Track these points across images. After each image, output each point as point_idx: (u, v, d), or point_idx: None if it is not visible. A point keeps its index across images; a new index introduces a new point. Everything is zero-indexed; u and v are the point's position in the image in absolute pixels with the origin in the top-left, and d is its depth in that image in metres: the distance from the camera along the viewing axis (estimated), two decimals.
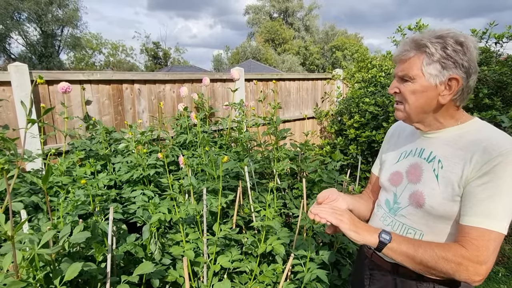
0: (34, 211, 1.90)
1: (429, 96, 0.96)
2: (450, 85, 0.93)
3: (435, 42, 0.92)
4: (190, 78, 3.49)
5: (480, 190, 0.87)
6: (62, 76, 2.68)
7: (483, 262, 0.85)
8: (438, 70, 0.93)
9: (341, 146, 4.26)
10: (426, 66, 0.93)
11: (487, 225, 0.85)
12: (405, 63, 0.98)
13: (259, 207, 1.95)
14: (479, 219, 0.86)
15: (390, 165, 1.16)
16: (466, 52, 0.92)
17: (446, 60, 0.92)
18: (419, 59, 0.94)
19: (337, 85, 5.12)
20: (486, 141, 0.90)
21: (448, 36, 0.92)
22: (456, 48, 0.91)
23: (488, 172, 0.86)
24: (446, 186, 0.94)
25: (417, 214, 1.00)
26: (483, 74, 3.19)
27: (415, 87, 0.96)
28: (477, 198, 0.88)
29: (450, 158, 0.96)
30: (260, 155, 2.91)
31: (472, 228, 0.87)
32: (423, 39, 0.94)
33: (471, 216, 0.88)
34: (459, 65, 0.92)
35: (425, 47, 0.93)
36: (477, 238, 0.86)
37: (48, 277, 1.18)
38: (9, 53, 23.62)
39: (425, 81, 0.95)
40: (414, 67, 0.95)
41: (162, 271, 1.65)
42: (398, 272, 1.06)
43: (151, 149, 2.61)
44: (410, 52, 0.96)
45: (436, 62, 0.92)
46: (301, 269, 1.71)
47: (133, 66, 36.25)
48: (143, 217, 1.85)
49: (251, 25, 39.39)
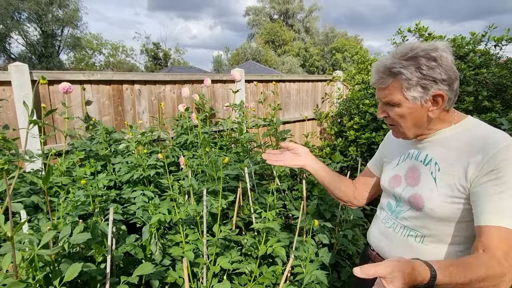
0: (34, 211, 1.90)
1: (418, 115, 0.96)
2: (436, 100, 0.93)
3: (407, 66, 0.90)
4: (190, 79, 3.50)
5: (492, 189, 0.84)
6: (62, 76, 2.68)
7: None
8: (420, 92, 0.92)
9: (341, 148, 4.27)
10: (407, 91, 0.92)
11: (507, 223, 0.81)
12: (385, 90, 0.97)
13: (259, 209, 1.95)
14: (500, 217, 0.82)
15: (390, 168, 1.17)
16: (441, 64, 0.90)
17: (425, 80, 0.90)
18: (397, 84, 0.93)
19: (337, 86, 5.13)
20: (481, 141, 0.90)
21: (418, 56, 0.90)
22: (430, 65, 0.90)
23: (494, 170, 0.85)
24: (444, 188, 0.94)
25: (418, 216, 1.00)
26: (483, 77, 3.20)
27: (403, 110, 0.96)
28: (487, 198, 0.85)
29: (446, 159, 0.96)
30: (260, 156, 2.91)
31: (490, 227, 0.82)
32: (394, 65, 0.92)
33: (492, 214, 0.83)
34: (440, 81, 0.90)
35: (400, 74, 0.91)
36: (501, 239, 0.80)
37: (47, 277, 1.17)
38: (9, 53, 23.63)
39: (410, 104, 0.94)
40: (395, 93, 0.94)
41: (161, 272, 1.65)
42: None
43: (151, 150, 2.61)
44: (387, 79, 0.94)
45: (415, 85, 0.91)
46: (300, 271, 1.71)
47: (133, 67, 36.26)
48: (143, 218, 1.85)
49: (251, 27, 39.48)
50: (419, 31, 3.68)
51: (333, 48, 33.81)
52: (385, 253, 1.11)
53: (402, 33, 3.88)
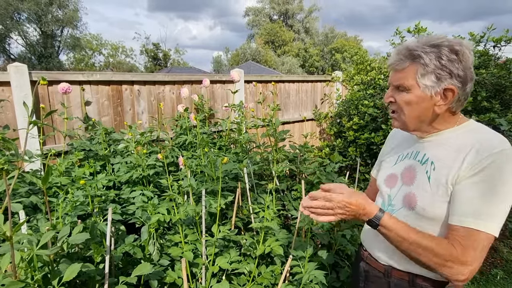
0: (33, 211, 1.90)
1: (425, 106, 0.95)
2: (446, 95, 0.93)
3: (429, 52, 0.91)
4: (189, 80, 3.50)
5: (470, 190, 0.87)
6: (61, 76, 2.68)
7: (468, 263, 0.85)
8: (433, 81, 0.91)
9: (340, 148, 4.27)
10: (421, 77, 0.92)
11: (476, 225, 0.85)
12: (400, 73, 0.96)
13: (258, 209, 1.96)
14: (468, 218, 0.86)
15: (387, 168, 1.17)
16: (462, 60, 0.90)
17: (441, 70, 0.90)
18: (413, 69, 0.93)
19: (336, 87, 5.13)
20: (478, 142, 0.90)
21: (442, 45, 0.90)
22: (451, 57, 0.90)
23: (479, 172, 0.86)
24: (437, 187, 0.94)
25: (410, 216, 1.00)
26: (482, 77, 3.20)
27: (410, 97, 0.95)
28: (466, 197, 0.88)
29: (442, 159, 0.96)
30: (259, 157, 2.92)
31: (461, 227, 0.87)
32: (417, 48, 0.92)
33: (460, 215, 0.88)
34: (455, 75, 0.90)
35: (419, 58, 0.91)
36: (465, 238, 0.86)
37: (46, 277, 1.18)
38: (9, 53, 23.62)
39: (420, 92, 0.93)
40: (409, 77, 0.94)
41: (160, 272, 1.65)
42: (391, 275, 1.06)
43: (151, 150, 2.62)
44: (405, 62, 0.94)
45: (431, 73, 0.91)
46: (299, 271, 1.71)
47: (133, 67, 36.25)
48: (142, 218, 1.85)
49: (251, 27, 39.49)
50: (419, 32, 3.69)
51: (333, 49, 33.83)
52: (376, 252, 1.12)
53: (400, 34, 3.89)
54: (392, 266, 1.06)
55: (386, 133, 3.59)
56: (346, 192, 0.97)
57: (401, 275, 1.03)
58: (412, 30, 3.75)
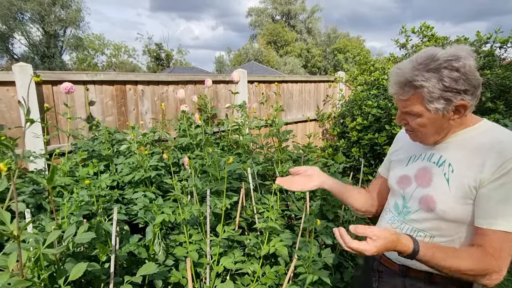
0: (37, 211, 1.90)
1: (439, 124, 0.95)
2: (459, 110, 0.92)
3: (429, 78, 0.88)
4: (193, 80, 3.50)
5: (497, 193, 0.87)
6: (66, 76, 2.69)
7: (505, 266, 0.87)
8: (443, 103, 0.90)
9: (344, 149, 4.26)
10: (429, 103, 0.91)
11: (507, 227, 0.86)
12: (405, 101, 0.95)
13: (263, 209, 1.95)
14: (498, 221, 0.86)
15: (399, 168, 1.16)
16: (465, 73, 0.87)
17: (447, 92, 0.88)
18: (419, 97, 0.91)
19: (339, 87, 5.12)
20: (499, 144, 0.90)
21: (440, 67, 0.87)
22: (453, 77, 0.87)
23: (505, 174, 0.86)
24: (457, 190, 0.93)
25: (428, 218, 1.00)
26: (486, 78, 3.19)
27: (423, 121, 0.95)
28: (494, 201, 0.87)
29: (461, 161, 0.95)
30: (262, 157, 2.91)
31: (491, 231, 0.87)
32: (416, 78, 0.89)
33: (490, 218, 0.88)
34: (463, 91, 0.88)
35: (422, 87, 0.89)
36: (497, 241, 0.87)
37: (52, 276, 1.18)
38: (12, 53, 23.72)
39: (432, 115, 0.93)
40: (416, 104, 0.93)
41: (165, 272, 1.65)
42: (407, 274, 1.05)
43: (153, 151, 2.62)
44: (408, 92, 0.92)
45: (438, 99, 0.89)
46: (303, 271, 1.71)
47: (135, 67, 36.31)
48: (146, 218, 1.85)
49: (253, 27, 39.47)
50: (423, 32, 3.68)
51: (335, 49, 33.77)
52: (391, 253, 1.11)
53: (405, 32, 3.87)
54: (408, 266, 1.05)
55: (390, 134, 3.58)
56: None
57: (417, 273, 1.03)
58: (417, 30, 3.74)
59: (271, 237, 1.86)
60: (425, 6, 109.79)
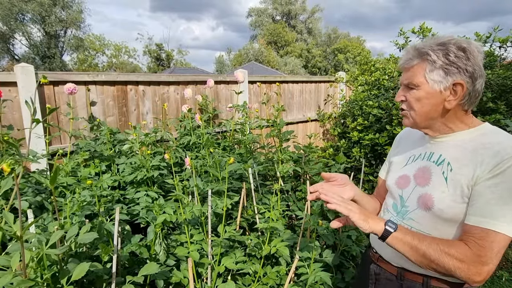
0: (39, 211, 1.91)
1: (435, 102, 0.97)
2: (455, 90, 0.94)
3: (436, 50, 0.94)
4: (194, 80, 3.51)
5: (490, 191, 0.87)
6: (67, 77, 2.70)
7: (486, 263, 0.86)
8: (442, 76, 0.94)
9: (344, 149, 4.27)
10: (429, 73, 0.95)
11: (493, 226, 0.86)
12: (409, 71, 0.99)
13: (264, 209, 1.96)
14: (486, 219, 0.87)
15: (398, 168, 1.16)
16: (470, 57, 0.92)
17: (448, 66, 0.93)
18: (422, 66, 0.96)
19: (340, 87, 5.13)
20: (498, 145, 0.90)
21: (450, 43, 0.93)
22: (458, 54, 0.92)
23: (499, 174, 0.87)
24: (455, 189, 0.94)
25: (426, 217, 1.00)
26: (487, 78, 3.19)
27: (420, 94, 0.98)
28: (485, 199, 0.88)
29: (459, 160, 0.96)
30: (263, 157, 2.92)
31: (478, 228, 0.88)
32: (424, 47, 0.96)
33: (478, 216, 0.88)
34: (463, 70, 0.92)
35: (427, 55, 0.94)
36: (482, 238, 0.87)
37: (55, 276, 1.18)
38: (13, 54, 23.76)
39: (429, 88, 0.96)
40: (417, 74, 0.97)
41: (166, 272, 1.66)
42: (404, 277, 1.06)
43: (155, 151, 2.62)
44: (413, 60, 0.97)
45: (438, 69, 0.93)
46: (304, 271, 1.71)
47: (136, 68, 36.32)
48: (148, 218, 1.86)
49: (253, 28, 39.47)
50: (423, 32, 3.68)
51: (336, 49, 33.79)
52: (387, 254, 1.11)
53: (404, 34, 3.88)
54: (405, 268, 1.05)
55: (391, 134, 3.58)
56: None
57: (415, 277, 1.03)
58: (417, 30, 3.74)
59: (272, 237, 1.86)
60: (426, 6, 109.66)
